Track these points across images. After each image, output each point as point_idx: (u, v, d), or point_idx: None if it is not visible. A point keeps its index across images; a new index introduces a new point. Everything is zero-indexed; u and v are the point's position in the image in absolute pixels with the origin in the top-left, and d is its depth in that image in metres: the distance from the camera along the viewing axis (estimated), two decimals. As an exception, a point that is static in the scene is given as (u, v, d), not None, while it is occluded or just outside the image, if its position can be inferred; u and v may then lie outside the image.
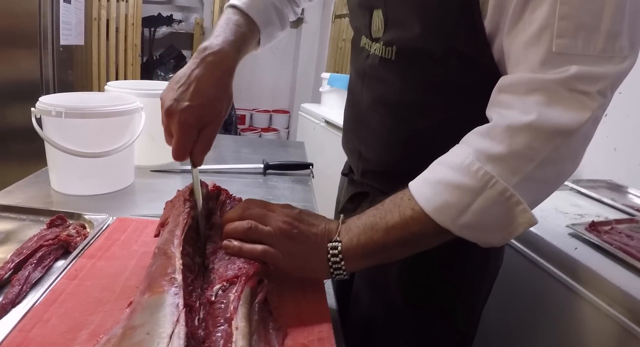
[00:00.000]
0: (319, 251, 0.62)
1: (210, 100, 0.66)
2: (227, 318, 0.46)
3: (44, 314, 0.55)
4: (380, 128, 0.80)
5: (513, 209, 0.55)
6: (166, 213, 0.67)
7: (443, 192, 0.57)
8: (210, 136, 0.67)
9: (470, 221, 0.56)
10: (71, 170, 0.98)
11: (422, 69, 0.70)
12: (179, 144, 0.65)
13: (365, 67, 0.80)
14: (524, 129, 0.54)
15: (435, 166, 0.61)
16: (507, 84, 0.58)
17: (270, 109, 4.75)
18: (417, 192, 0.59)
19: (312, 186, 1.19)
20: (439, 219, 0.57)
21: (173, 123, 0.65)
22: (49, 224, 0.77)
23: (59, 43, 2.12)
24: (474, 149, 0.56)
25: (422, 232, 0.59)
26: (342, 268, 0.62)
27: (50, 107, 0.91)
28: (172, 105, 0.65)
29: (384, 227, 0.60)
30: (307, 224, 0.63)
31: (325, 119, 2.56)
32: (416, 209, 0.58)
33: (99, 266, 0.65)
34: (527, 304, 1.04)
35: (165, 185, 1.11)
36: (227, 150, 1.51)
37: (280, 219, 0.62)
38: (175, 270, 0.50)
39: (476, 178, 0.55)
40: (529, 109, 0.54)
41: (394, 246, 0.60)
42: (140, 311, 0.45)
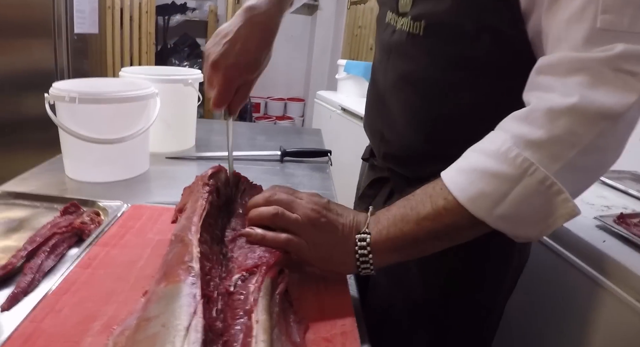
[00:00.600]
0: (347, 242, 0.59)
1: (254, 60, 0.70)
2: (246, 310, 0.43)
3: (56, 304, 0.53)
4: (405, 107, 0.77)
5: (553, 199, 0.51)
6: (184, 199, 0.65)
7: (478, 181, 0.53)
8: (249, 89, 0.74)
9: (507, 212, 0.52)
10: (85, 157, 0.96)
11: (451, 45, 0.67)
12: (220, 95, 0.69)
13: (391, 44, 0.77)
14: (565, 113, 0.50)
15: (469, 154, 0.57)
16: (547, 64, 0.53)
17: (285, 97, 4.72)
18: (450, 181, 0.56)
19: (330, 173, 1.16)
20: (474, 210, 0.53)
21: (217, 76, 0.68)
22: (63, 211, 0.76)
23: (73, 32, 2.12)
24: (512, 135, 0.52)
25: (455, 224, 0.55)
26: (370, 262, 0.58)
27: (63, 93, 0.89)
28: (218, 60, 0.68)
29: (415, 219, 0.57)
30: (336, 214, 0.60)
31: (341, 106, 2.52)
32: (449, 199, 0.55)
33: (113, 255, 0.63)
34: (552, 298, 1.01)
35: (181, 172, 1.09)
36: (242, 138, 1.48)
37: (309, 207, 0.60)
38: (193, 258, 0.47)
39: (514, 165, 0.51)
40: (570, 91, 0.50)
41: (426, 238, 0.57)
42: (156, 301, 0.43)
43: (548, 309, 1.02)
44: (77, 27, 2.14)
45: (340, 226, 0.59)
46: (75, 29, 2.13)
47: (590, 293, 0.90)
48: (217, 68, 0.68)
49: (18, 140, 1.94)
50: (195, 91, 1.20)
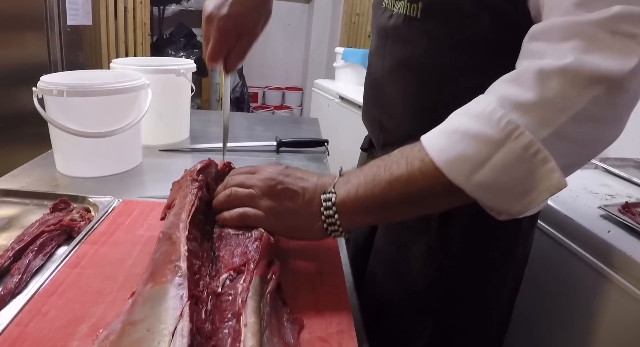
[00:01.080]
0: (310, 206, 0.56)
1: (248, 10, 0.69)
2: (234, 313, 0.41)
3: (43, 306, 0.51)
4: (404, 95, 0.74)
5: (538, 168, 0.47)
6: (173, 194, 0.63)
7: (458, 143, 0.49)
8: (246, 46, 0.71)
9: (487, 179, 0.48)
10: (76, 151, 0.94)
11: (450, 27, 0.64)
12: (214, 47, 0.68)
13: (388, 29, 0.74)
14: (557, 74, 0.46)
15: (452, 116, 0.54)
16: (539, 31, 0.50)
17: (283, 86, 4.68)
18: (428, 143, 0.52)
19: (327, 163, 1.14)
20: (451, 174, 0.49)
21: (212, 29, 0.68)
22: (52, 208, 0.74)
23: (66, 24, 2.08)
24: (499, 96, 0.49)
25: (430, 188, 0.52)
26: (337, 223, 0.56)
27: (51, 86, 0.87)
28: (212, 12, 0.67)
29: (387, 179, 0.53)
30: (294, 178, 0.59)
31: (339, 95, 2.49)
32: (426, 161, 0.51)
33: (102, 253, 0.61)
34: (556, 289, 0.99)
35: (175, 165, 1.07)
36: (239, 128, 1.46)
37: (262, 177, 0.59)
38: (180, 257, 0.45)
39: (498, 127, 0.47)
40: (563, 54, 0.46)
41: (397, 202, 0.54)
42: (141, 304, 0.41)
43: (552, 301, 1.00)
44: (70, 19, 2.11)
45: (300, 190, 0.57)
46: (68, 21, 2.09)
47: (595, 285, 0.88)
48: (211, 20, 0.67)
49: (13, 136, 1.92)
50: (188, 81, 1.18)
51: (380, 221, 0.59)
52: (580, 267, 0.91)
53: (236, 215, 0.57)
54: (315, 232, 0.57)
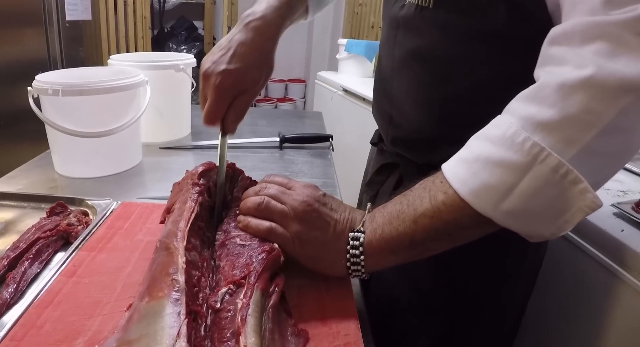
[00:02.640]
0: (338, 241, 0.54)
1: (248, 66, 0.65)
2: (234, 332, 0.39)
3: (38, 319, 0.49)
4: (414, 87, 0.72)
5: (570, 190, 0.44)
6: (172, 197, 0.61)
7: (481, 172, 0.47)
8: (245, 104, 0.66)
9: (516, 206, 0.45)
10: (74, 152, 0.92)
11: (463, 17, 0.61)
12: (211, 107, 0.63)
13: (399, 19, 0.72)
14: (580, 87, 0.42)
15: (471, 142, 0.51)
16: (560, 33, 0.47)
17: (286, 79, 4.64)
18: (450, 173, 0.50)
19: (332, 159, 1.11)
20: (477, 205, 0.47)
21: (209, 86, 0.63)
22: (49, 212, 0.72)
23: (64, 19, 2.06)
24: (519, 117, 0.46)
25: (457, 222, 0.49)
26: (361, 264, 0.53)
27: (46, 85, 0.84)
28: (209, 68, 0.63)
29: (412, 216, 0.51)
30: (329, 209, 0.56)
31: (343, 87, 2.45)
32: (449, 193, 0.49)
33: (100, 260, 0.59)
34: (568, 289, 0.96)
35: (175, 163, 1.04)
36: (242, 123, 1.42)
37: (299, 199, 0.55)
38: (178, 270, 0.43)
39: (522, 151, 0.44)
40: (586, 61, 0.43)
41: (424, 238, 0.51)
42: (137, 321, 0.39)
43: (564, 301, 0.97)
44: (69, 14, 2.08)
45: (333, 222, 0.55)
46: (67, 16, 2.07)
47: (608, 285, 0.84)
48: (208, 77, 0.63)
49: (13, 133, 1.90)
50: (187, 77, 1.15)
51: (407, 260, 0.54)
52: (592, 267, 0.88)
53: (264, 229, 0.54)
54: (336, 269, 0.55)
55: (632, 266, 0.80)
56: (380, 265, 0.54)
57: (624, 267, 0.81)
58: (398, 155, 0.81)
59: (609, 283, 0.84)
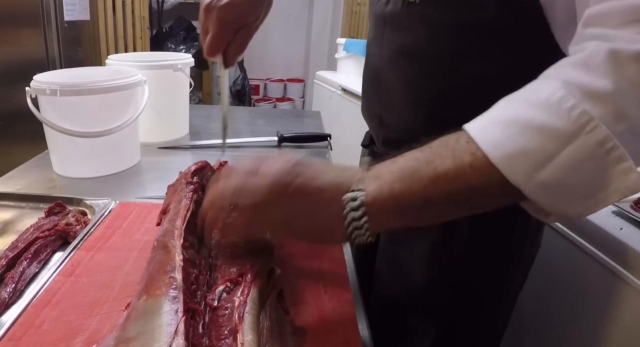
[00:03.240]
0: (328, 208, 0.47)
1: (250, 0, 0.66)
2: (231, 329, 0.39)
3: (36, 319, 0.49)
4: (403, 86, 0.71)
5: (612, 168, 0.40)
6: (168, 199, 0.61)
7: (519, 135, 0.42)
8: (246, 37, 0.68)
9: (551, 178, 0.41)
10: (72, 152, 0.92)
11: (451, 11, 0.60)
12: (213, 39, 0.65)
13: (385, 16, 0.70)
14: (635, 59, 0.39)
15: (504, 104, 0.46)
16: (597, 15, 0.44)
17: (285, 78, 4.64)
18: (479, 134, 0.44)
19: (330, 158, 1.12)
20: (509, 172, 0.42)
21: (210, 19, 0.64)
22: (47, 212, 0.72)
23: (63, 19, 2.05)
24: (566, 82, 0.42)
25: (481, 187, 0.44)
26: (365, 226, 0.46)
27: (44, 85, 0.84)
28: (212, 2, 0.64)
29: (431, 175, 0.45)
30: (309, 176, 0.48)
31: (342, 86, 2.46)
32: (477, 155, 0.43)
33: (98, 259, 0.59)
34: (566, 289, 0.96)
35: (174, 163, 1.04)
36: (241, 123, 1.43)
37: (267, 182, 0.48)
38: (175, 268, 0.43)
39: (569, 119, 0.40)
40: (634, 38, 0.40)
41: (440, 201, 0.45)
42: (135, 319, 0.39)
43: (562, 301, 0.97)
44: (67, 14, 2.08)
45: (315, 191, 0.48)
46: (65, 17, 2.07)
47: (608, 283, 0.85)
48: (210, 10, 0.64)
49: (12, 134, 1.90)
50: (186, 76, 1.15)
51: (414, 224, 0.49)
52: (592, 265, 0.88)
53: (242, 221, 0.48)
54: (335, 237, 0.50)
55: (631, 264, 0.80)
56: (385, 226, 0.48)
57: (622, 265, 0.82)
58: (390, 157, 0.80)
59: (607, 281, 0.85)
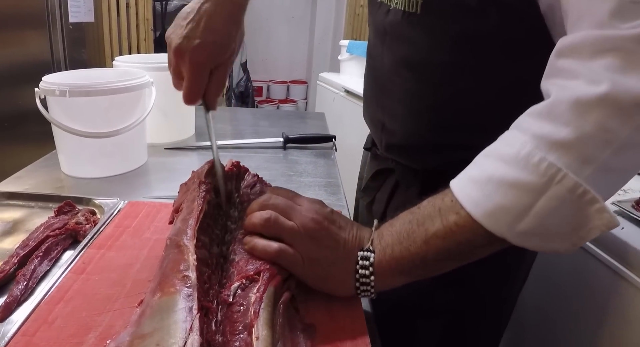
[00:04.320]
0: (347, 260, 0.51)
1: (223, 38, 0.61)
2: (246, 324, 0.40)
3: (49, 315, 0.49)
4: (405, 95, 0.71)
5: (586, 209, 0.43)
6: (180, 198, 0.61)
7: (495, 193, 0.45)
8: (223, 76, 0.64)
9: (532, 227, 0.44)
10: (80, 152, 0.93)
11: (453, 22, 0.61)
12: (191, 85, 0.61)
13: (386, 25, 0.71)
14: (595, 105, 0.41)
15: (481, 160, 0.49)
16: (568, 45, 0.45)
17: (288, 80, 4.66)
18: (461, 194, 0.48)
19: (335, 159, 1.12)
20: (492, 227, 0.46)
21: (183, 63, 0.60)
22: (57, 211, 0.72)
23: (68, 21, 2.07)
24: (532, 135, 0.44)
25: (469, 242, 0.48)
26: (371, 284, 0.51)
27: (53, 86, 0.85)
28: (181, 44, 0.60)
29: (423, 237, 0.49)
30: (338, 227, 0.53)
31: (345, 88, 2.46)
32: (462, 214, 0.47)
33: (109, 257, 0.60)
34: (568, 289, 0.96)
35: (180, 163, 1.05)
36: (244, 124, 1.44)
37: (308, 216, 0.52)
38: (189, 267, 0.44)
39: (538, 172, 0.43)
40: (598, 76, 0.42)
41: (436, 259, 0.50)
42: (150, 316, 0.39)
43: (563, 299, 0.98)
44: (72, 16, 2.09)
45: (342, 241, 0.52)
46: (70, 19, 2.08)
47: (609, 284, 0.85)
48: (182, 53, 0.60)
49: (17, 135, 1.91)
50: (192, 79, 1.16)
51: (416, 278, 0.51)
52: (592, 265, 0.89)
53: (273, 251, 0.50)
54: (345, 288, 0.52)
55: (632, 263, 0.81)
56: (389, 285, 0.52)
57: (623, 264, 0.82)
58: (393, 161, 0.80)
59: (609, 279, 0.85)
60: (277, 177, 0.98)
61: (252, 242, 0.52)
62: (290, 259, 0.51)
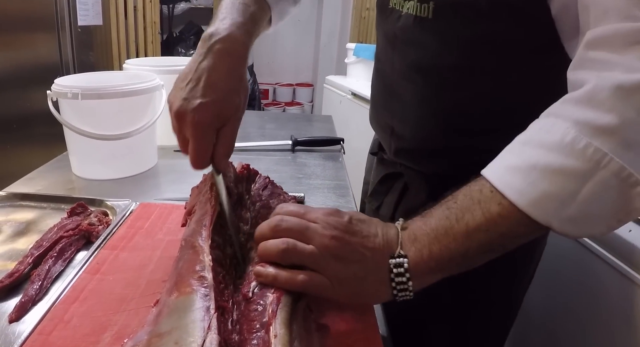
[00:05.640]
0: (379, 271, 0.48)
1: (225, 94, 0.57)
2: (264, 323, 0.40)
3: (65, 314, 0.50)
4: (415, 99, 0.71)
5: (629, 192, 0.43)
6: (192, 200, 0.62)
7: (540, 181, 0.45)
8: (231, 135, 0.58)
9: (577, 213, 0.44)
10: (92, 154, 0.94)
11: (464, 27, 0.61)
12: (197, 149, 0.56)
13: (396, 30, 0.71)
14: (637, 91, 0.42)
15: (519, 148, 0.49)
16: (599, 38, 0.46)
17: (294, 83, 4.67)
18: (502, 184, 0.47)
19: (343, 162, 1.13)
20: (538, 215, 0.45)
21: (186, 126, 0.56)
22: (70, 212, 0.73)
23: (76, 24, 2.09)
24: (574, 122, 0.44)
25: (512, 232, 0.47)
26: (409, 289, 0.48)
27: (66, 89, 0.86)
28: (182, 106, 0.55)
29: (464, 231, 0.47)
30: (361, 237, 0.49)
31: (351, 91, 2.47)
32: (505, 204, 0.46)
33: (122, 258, 0.61)
34: (576, 291, 0.96)
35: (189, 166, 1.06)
36: (251, 127, 1.45)
37: (327, 234, 0.48)
38: (205, 267, 0.44)
39: (584, 158, 0.43)
40: (634, 66, 0.43)
41: (477, 253, 0.48)
42: (167, 315, 0.40)
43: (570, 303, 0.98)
44: (80, 19, 2.11)
45: (369, 253, 0.49)
46: (79, 22, 2.10)
47: (617, 286, 0.85)
48: (183, 116, 0.55)
49: (26, 136, 1.93)
50: (201, 82, 1.17)
51: (453, 274, 0.50)
52: (600, 267, 0.89)
53: (299, 282, 0.47)
54: (381, 297, 0.50)
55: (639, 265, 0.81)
56: (427, 283, 0.50)
57: (631, 266, 0.83)
58: (401, 165, 0.80)
59: (618, 282, 0.85)
60: (286, 179, 0.98)
61: (271, 275, 0.47)
62: (317, 285, 0.48)
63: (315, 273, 0.48)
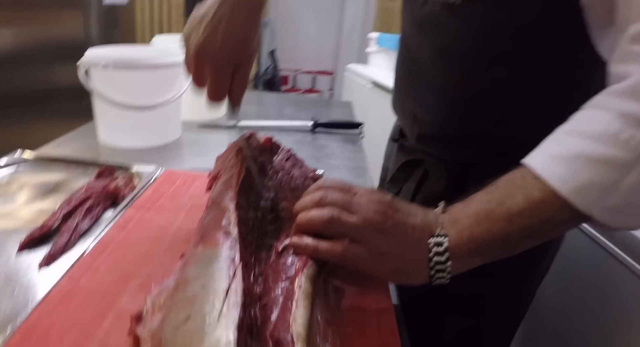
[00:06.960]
0: (419, 248, 0.49)
1: (242, 40, 0.61)
2: (289, 276, 0.42)
3: (93, 263, 0.53)
4: (441, 85, 0.72)
5: None
6: (218, 166, 0.64)
7: (584, 170, 0.46)
8: (246, 75, 0.64)
9: (619, 202, 0.45)
10: (118, 123, 0.96)
11: (492, 12, 0.61)
12: (215, 86, 0.62)
13: (423, 16, 0.71)
14: None
15: (562, 138, 0.49)
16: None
17: (314, 70, 4.67)
18: (546, 172, 0.48)
19: (362, 146, 1.14)
20: (580, 203, 0.46)
21: (206, 66, 0.60)
22: (97, 175, 0.76)
23: (102, 3, 2.12)
24: (619, 114, 0.45)
25: (554, 219, 0.48)
26: (447, 270, 0.49)
27: (98, 59, 0.89)
28: (203, 48, 0.59)
29: (506, 215, 0.48)
30: (404, 214, 0.51)
31: (372, 80, 2.48)
32: (547, 191, 0.47)
33: (148, 218, 0.63)
34: (589, 289, 0.96)
35: (212, 141, 1.08)
36: (271, 108, 1.47)
37: (371, 208, 0.50)
38: (231, 223, 0.46)
39: (628, 148, 0.44)
40: None
41: (518, 237, 0.49)
42: (194, 264, 0.42)
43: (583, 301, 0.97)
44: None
45: (410, 229, 0.50)
46: (104, 0, 2.13)
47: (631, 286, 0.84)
48: (204, 57, 0.59)
49: (50, 110, 1.96)
50: (227, 60, 1.19)
51: (492, 260, 0.51)
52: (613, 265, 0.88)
53: (340, 250, 0.48)
54: (418, 277, 0.50)
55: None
56: (465, 267, 0.51)
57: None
58: (422, 152, 0.81)
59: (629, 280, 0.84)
60: (306, 158, 0.99)
61: (312, 246, 0.49)
62: (357, 257, 0.49)
63: (356, 244, 0.49)
